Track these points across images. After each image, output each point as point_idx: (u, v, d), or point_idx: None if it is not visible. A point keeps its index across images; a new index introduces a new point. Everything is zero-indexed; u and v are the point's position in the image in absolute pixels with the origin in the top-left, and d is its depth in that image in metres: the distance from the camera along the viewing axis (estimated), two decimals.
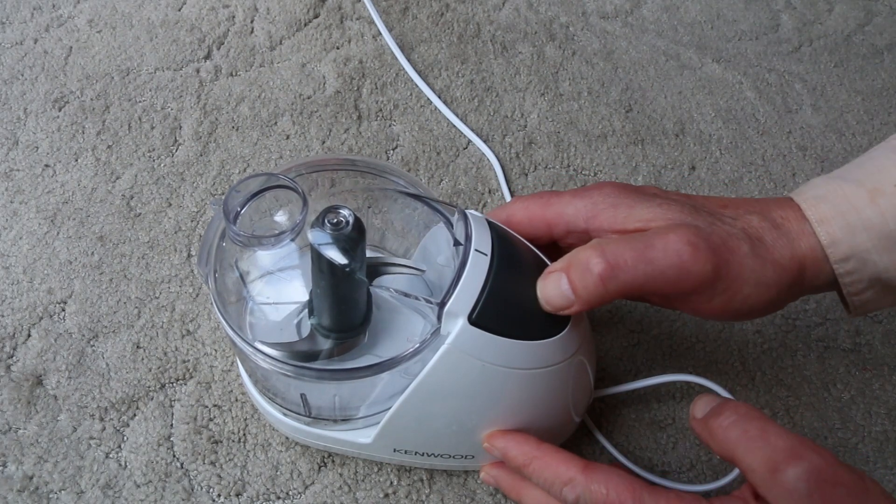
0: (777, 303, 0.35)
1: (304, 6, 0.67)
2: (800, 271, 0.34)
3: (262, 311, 0.37)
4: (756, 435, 0.30)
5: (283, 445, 0.42)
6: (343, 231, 0.32)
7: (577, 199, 0.36)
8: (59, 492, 0.40)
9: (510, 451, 0.35)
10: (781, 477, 0.28)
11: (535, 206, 0.38)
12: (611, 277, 0.32)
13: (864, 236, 0.33)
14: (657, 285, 0.32)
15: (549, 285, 0.33)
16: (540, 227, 0.38)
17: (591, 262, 0.32)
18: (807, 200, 0.35)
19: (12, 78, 0.59)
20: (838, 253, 0.34)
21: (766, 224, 0.34)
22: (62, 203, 0.52)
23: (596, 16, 0.70)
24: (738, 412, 0.31)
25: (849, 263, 0.34)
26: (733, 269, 0.33)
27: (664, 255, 0.32)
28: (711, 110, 0.63)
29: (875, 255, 0.33)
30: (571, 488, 0.32)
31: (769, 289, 0.33)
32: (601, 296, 0.32)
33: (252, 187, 0.34)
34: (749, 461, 0.30)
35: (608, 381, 0.45)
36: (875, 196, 0.33)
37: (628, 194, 0.36)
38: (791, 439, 0.29)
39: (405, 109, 0.60)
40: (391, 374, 0.33)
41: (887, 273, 0.34)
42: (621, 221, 0.35)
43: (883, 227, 0.33)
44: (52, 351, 0.45)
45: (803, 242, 0.34)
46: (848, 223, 0.33)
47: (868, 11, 0.73)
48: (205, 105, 0.59)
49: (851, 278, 0.34)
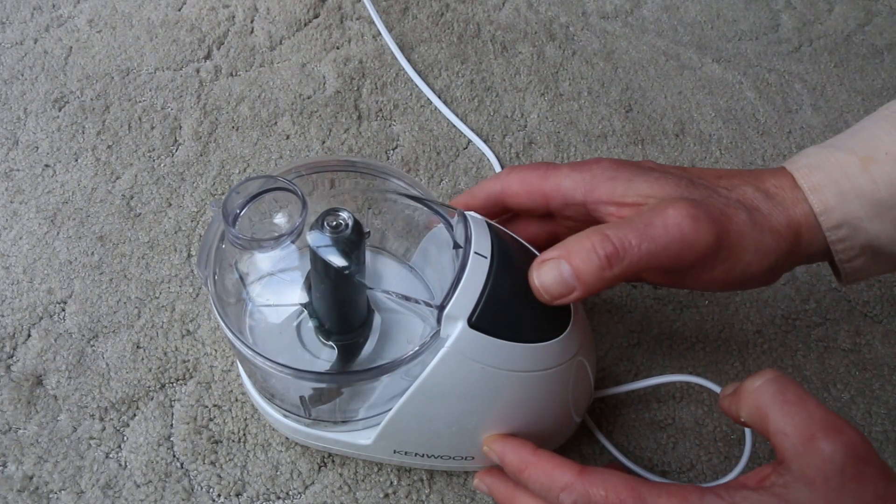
0: (775, 270, 0.35)
1: (304, 6, 0.66)
2: (796, 238, 0.35)
3: (261, 313, 0.37)
4: (794, 400, 0.29)
5: (283, 445, 0.42)
6: (342, 233, 0.32)
7: (575, 172, 0.37)
8: (59, 492, 0.40)
9: (507, 456, 0.34)
10: (818, 446, 0.28)
11: (532, 178, 0.38)
12: (617, 260, 0.32)
13: (856, 204, 0.34)
14: (660, 261, 0.32)
15: (546, 272, 0.32)
16: (537, 199, 0.38)
17: (597, 246, 0.32)
18: (800, 169, 0.35)
19: (12, 78, 0.59)
20: (831, 220, 0.34)
21: (760, 194, 0.35)
22: (62, 203, 0.52)
23: (596, 16, 0.70)
24: (775, 374, 0.31)
25: (841, 231, 0.34)
26: (733, 237, 0.33)
27: (665, 231, 0.32)
28: (711, 110, 0.63)
29: (867, 223, 0.34)
30: (568, 493, 0.31)
31: (768, 255, 0.34)
32: (607, 279, 0.32)
33: (251, 189, 0.34)
34: (782, 424, 0.29)
35: (608, 381, 0.45)
36: (867, 164, 0.34)
37: (626, 168, 0.36)
38: (829, 412, 0.29)
39: (405, 109, 0.60)
40: (391, 376, 0.34)
41: (878, 240, 0.34)
42: (620, 194, 0.35)
43: (874, 195, 0.33)
44: (52, 351, 0.45)
45: (797, 210, 0.34)
46: (840, 191, 0.34)
47: (868, 11, 0.73)
48: (205, 105, 0.59)
49: (843, 245, 0.35)
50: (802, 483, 0.28)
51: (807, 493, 0.28)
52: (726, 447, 0.44)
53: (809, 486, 0.28)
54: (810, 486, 0.28)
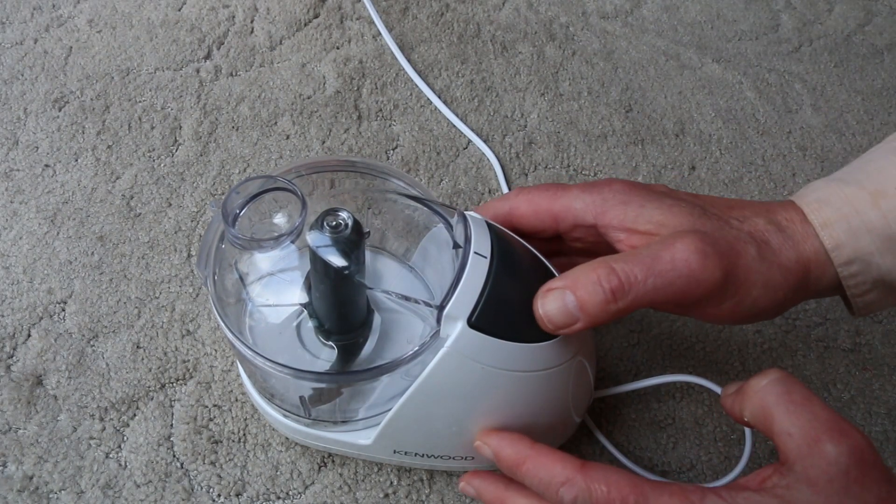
0: (784, 304, 0.35)
1: (304, 6, 0.66)
2: (805, 273, 0.34)
3: (261, 313, 0.37)
4: (800, 400, 0.29)
5: (283, 445, 0.42)
6: (342, 233, 0.32)
7: (586, 194, 0.36)
8: (59, 492, 0.40)
9: (503, 451, 0.34)
10: (822, 448, 0.28)
11: (541, 199, 0.38)
12: (622, 294, 0.31)
13: (867, 239, 0.33)
14: (666, 296, 0.32)
15: (551, 302, 0.32)
16: (545, 220, 0.37)
17: (602, 279, 0.31)
18: (809, 204, 0.35)
19: (12, 78, 0.59)
20: (842, 256, 0.34)
21: (772, 227, 0.34)
22: (62, 203, 0.52)
23: (596, 16, 0.70)
24: (781, 374, 0.30)
25: (853, 266, 0.34)
26: (741, 272, 0.33)
27: (672, 266, 0.31)
28: (711, 110, 0.63)
29: (878, 258, 0.33)
30: (569, 488, 0.31)
31: (776, 291, 0.33)
32: (611, 313, 0.32)
33: (251, 189, 0.34)
34: (787, 425, 0.29)
35: (608, 381, 0.45)
36: (877, 198, 0.33)
37: (638, 192, 0.35)
38: (834, 414, 0.29)
39: (405, 109, 0.60)
40: (391, 376, 0.34)
41: (890, 275, 0.34)
42: (631, 220, 0.35)
43: (886, 230, 0.33)
44: (52, 351, 0.45)
45: (808, 245, 0.34)
46: (851, 226, 0.33)
47: (868, 11, 0.73)
48: (205, 105, 0.59)
49: (855, 280, 0.34)
50: (805, 484, 0.28)
51: (809, 494, 0.28)
52: (726, 447, 0.44)
53: (812, 488, 0.28)
54: (813, 488, 0.28)
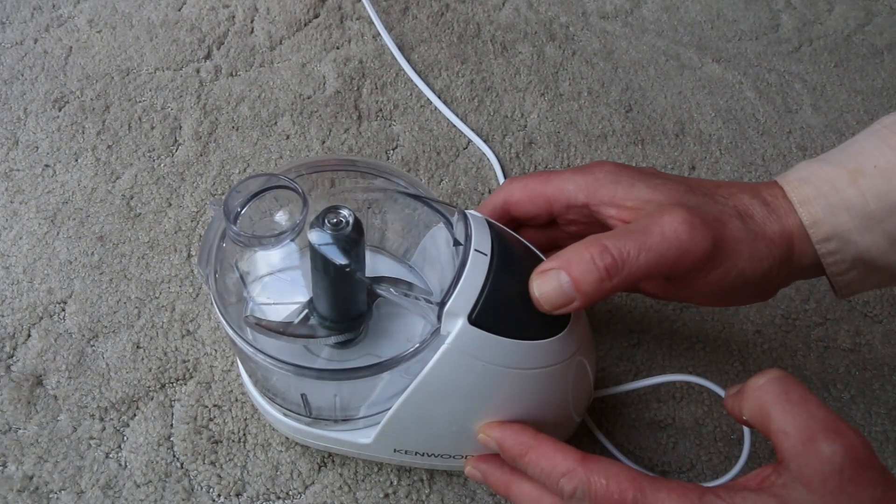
0: (770, 279, 0.35)
1: (304, 6, 0.67)
2: (788, 247, 0.35)
3: (262, 312, 0.37)
4: (797, 400, 0.29)
5: (283, 445, 0.42)
6: (343, 231, 0.32)
7: (578, 176, 0.37)
8: (59, 492, 0.40)
9: (506, 441, 0.34)
10: (817, 447, 0.28)
11: (533, 184, 0.39)
12: (616, 271, 0.32)
13: (845, 216, 0.34)
14: (659, 269, 0.32)
15: (546, 283, 0.32)
16: (540, 204, 0.38)
17: (596, 257, 0.32)
18: (790, 182, 0.36)
19: (12, 78, 0.59)
20: (820, 233, 0.34)
21: (756, 201, 0.35)
22: (62, 203, 0.52)
23: (596, 16, 0.70)
24: (780, 374, 0.31)
25: (831, 243, 0.34)
26: (728, 243, 0.33)
27: (662, 238, 0.32)
28: (711, 110, 0.63)
29: (856, 235, 0.34)
30: (569, 479, 0.31)
31: (762, 261, 0.34)
32: (606, 290, 0.32)
33: (252, 188, 0.34)
34: (783, 423, 0.29)
35: (608, 381, 0.45)
36: (856, 176, 0.34)
37: (628, 172, 0.37)
38: (831, 414, 0.29)
39: (405, 109, 0.60)
40: (391, 374, 0.33)
41: (868, 253, 0.34)
42: (621, 197, 0.36)
43: (864, 207, 0.34)
44: (52, 351, 0.45)
45: (790, 220, 0.35)
46: (829, 204, 0.34)
47: (868, 11, 0.73)
48: (205, 105, 0.59)
49: (834, 258, 0.35)
50: (800, 483, 0.28)
51: (804, 493, 0.28)
52: (726, 447, 0.44)
53: (807, 487, 0.28)
54: (808, 487, 0.28)
